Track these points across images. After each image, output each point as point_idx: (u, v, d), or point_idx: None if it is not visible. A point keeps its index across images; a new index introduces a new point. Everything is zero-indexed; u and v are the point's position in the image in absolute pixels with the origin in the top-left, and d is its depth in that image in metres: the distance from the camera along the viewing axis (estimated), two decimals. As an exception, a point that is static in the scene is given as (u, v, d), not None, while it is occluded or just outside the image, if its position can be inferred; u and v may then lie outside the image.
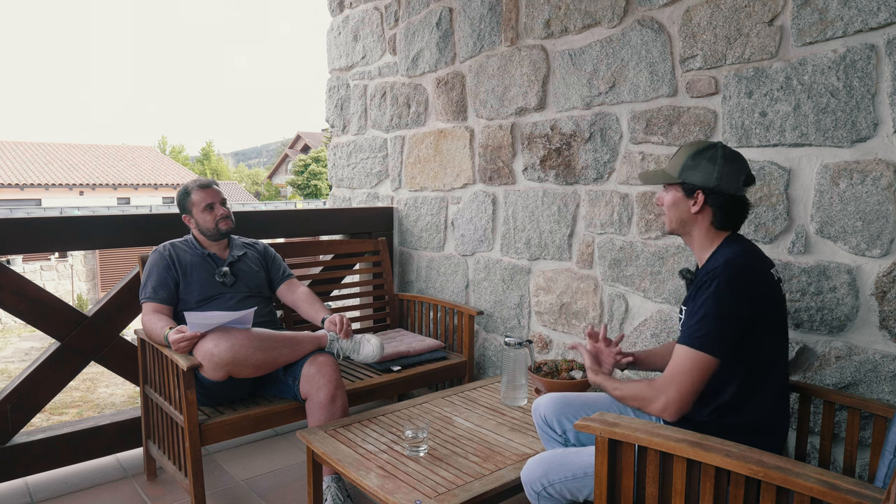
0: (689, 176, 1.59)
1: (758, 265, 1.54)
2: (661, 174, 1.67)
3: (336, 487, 2.22)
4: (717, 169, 1.56)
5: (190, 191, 2.49)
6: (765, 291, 1.51)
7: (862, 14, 1.79)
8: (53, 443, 2.46)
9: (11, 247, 2.65)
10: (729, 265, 1.49)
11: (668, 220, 1.67)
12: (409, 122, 3.51)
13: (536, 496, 1.62)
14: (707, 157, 1.58)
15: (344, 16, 3.93)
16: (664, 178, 1.65)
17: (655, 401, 1.48)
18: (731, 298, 1.46)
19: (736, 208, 1.59)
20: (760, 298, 1.49)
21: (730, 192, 1.57)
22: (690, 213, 1.61)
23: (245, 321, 2.20)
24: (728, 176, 1.56)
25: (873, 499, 1.06)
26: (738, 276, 1.48)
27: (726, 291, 1.46)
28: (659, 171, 1.69)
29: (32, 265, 13.18)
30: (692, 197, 1.60)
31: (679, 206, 1.62)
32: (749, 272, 1.51)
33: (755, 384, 1.52)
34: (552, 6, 2.67)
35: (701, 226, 1.61)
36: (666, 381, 1.49)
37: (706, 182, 1.57)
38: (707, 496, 1.27)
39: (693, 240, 1.65)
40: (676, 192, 1.63)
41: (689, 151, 1.61)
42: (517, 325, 2.98)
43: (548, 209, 2.78)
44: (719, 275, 1.48)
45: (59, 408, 6.05)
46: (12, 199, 19.96)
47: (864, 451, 1.84)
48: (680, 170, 1.61)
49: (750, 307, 1.47)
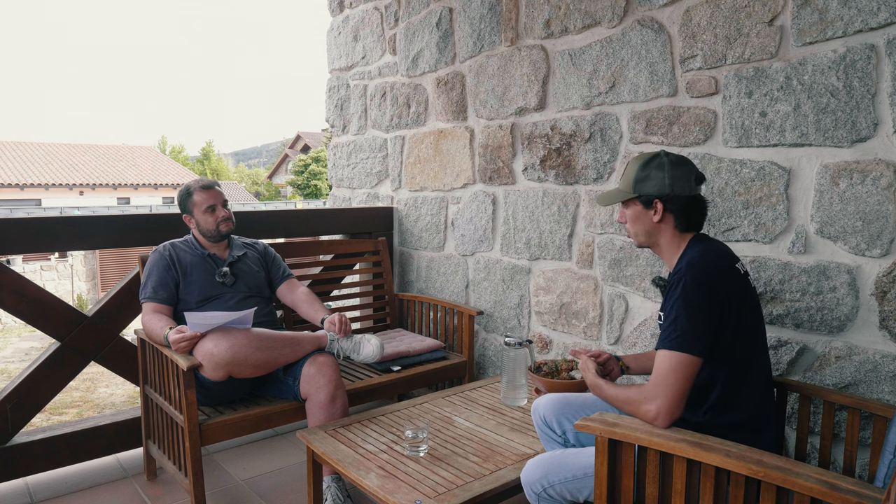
0: (643, 188, 1.65)
1: (720, 261, 1.57)
2: (616, 193, 1.72)
3: (336, 487, 2.22)
4: (666, 175, 1.62)
5: (192, 191, 2.48)
6: (729, 285, 1.53)
7: (862, 14, 1.79)
8: (53, 443, 2.46)
9: (11, 247, 2.65)
10: (691, 265, 1.53)
11: (634, 234, 1.71)
12: (409, 122, 3.51)
13: (536, 497, 1.62)
14: (654, 165, 1.64)
15: (344, 16, 3.93)
16: (620, 195, 1.70)
17: (646, 407, 1.46)
18: (698, 297, 1.49)
19: (694, 208, 1.64)
20: (726, 293, 1.51)
21: (685, 194, 1.62)
22: (653, 223, 1.65)
23: (245, 321, 2.20)
24: (679, 179, 1.62)
25: (873, 499, 1.06)
26: (701, 274, 1.51)
27: (692, 290, 1.49)
28: (614, 191, 1.74)
29: (32, 265, 13.18)
30: (651, 207, 1.65)
31: (641, 219, 1.67)
32: (712, 268, 1.53)
33: (740, 380, 1.54)
34: (552, 6, 2.67)
35: (665, 233, 1.66)
36: (652, 386, 1.48)
37: (661, 190, 1.62)
38: (707, 496, 1.27)
39: (661, 248, 1.69)
40: (635, 206, 1.68)
41: (636, 165, 1.67)
42: (517, 325, 2.98)
43: (548, 209, 2.78)
44: (684, 275, 1.52)
45: (59, 408, 6.05)
46: (12, 199, 19.96)
47: (864, 451, 1.84)
48: (633, 184, 1.66)
49: (717, 302, 1.49)
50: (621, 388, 1.58)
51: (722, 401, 1.54)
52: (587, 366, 1.74)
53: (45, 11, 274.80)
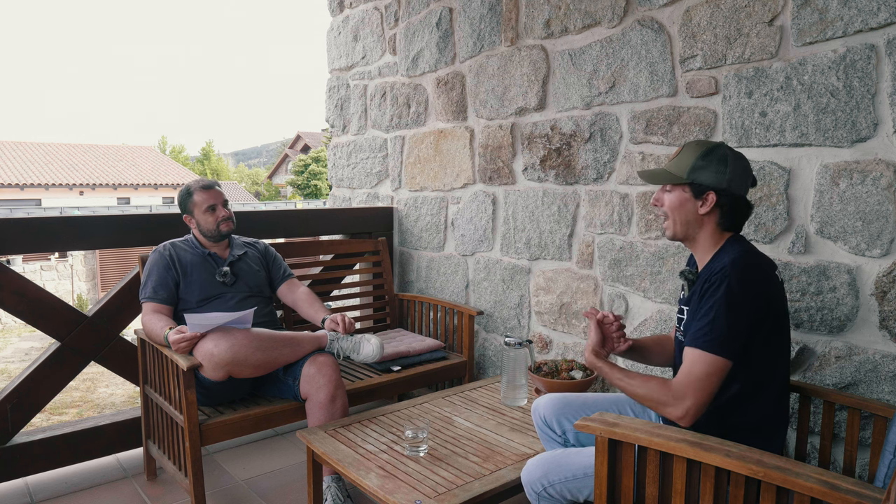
0: (700, 176, 1.55)
1: (763, 265, 1.53)
2: (665, 174, 1.60)
3: (336, 487, 2.22)
4: (728, 170, 1.53)
5: (192, 191, 2.48)
6: (772, 292, 1.50)
7: (862, 14, 1.79)
8: (53, 443, 2.46)
9: (11, 247, 2.65)
10: (736, 265, 1.47)
11: (672, 222, 1.61)
12: (409, 122, 3.51)
13: (536, 497, 1.62)
14: (717, 157, 1.55)
15: (344, 16, 3.93)
16: (670, 178, 1.59)
17: (674, 406, 1.43)
18: (742, 299, 1.44)
19: (742, 209, 1.58)
20: (769, 298, 1.48)
21: (739, 192, 1.56)
22: (697, 215, 1.57)
23: (245, 321, 2.20)
24: (738, 177, 1.55)
25: (873, 499, 1.06)
26: (747, 276, 1.46)
27: (737, 292, 1.44)
28: (663, 171, 1.62)
29: (32, 265, 13.18)
30: (701, 198, 1.56)
31: (686, 208, 1.58)
32: (756, 271, 1.49)
33: (758, 386, 1.51)
34: (552, 6, 2.67)
35: (707, 228, 1.58)
36: (683, 386, 1.44)
37: (718, 183, 1.54)
38: (707, 496, 1.27)
39: (697, 243, 1.61)
40: (683, 192, 1.58)
41: (697, 151, 1.57)
42: (517, 325, 2.98)
43: (548, 209, 2.78)
44: (728, 275, 1.45)
45: (59, 408, 6.05)
46: (12, 199, 19.96)
47: (864, 451, 1.84)
48: (689, 170, 1.56)
49: (759, 307, 1.45)
50: (639, 381, 1.53)
51: (732, 403, 1.51)
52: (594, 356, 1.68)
53: (45, 11, 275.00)
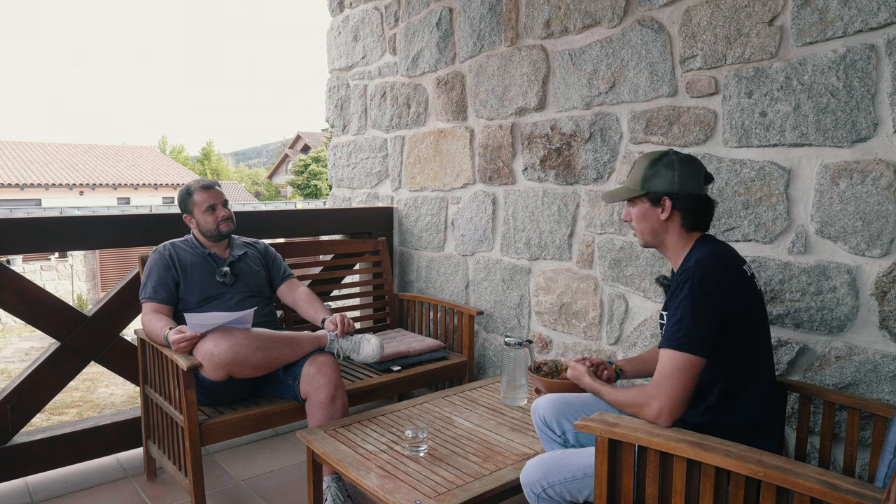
0: (651, 185, 1.63)
1: (728, 262, 1.57)
2: (623, 191, 1.71)
3: (336, 487, 2.22)
4: (676, 173, 1.61)
5: (192, 191, 2.48)
6: (738, 287, 1.53)
7: (862, 14, 1.79)
8: (53, 443, 2.46)
9: (11, 247, 2.65)
10: (700, 264, 1.52)
11: (640, 233, 1.70)
12: (409, 122, 3.51)
13: (536, 498, 1.62)
14: (664, 163, 1.63)
15: (344, 16, 3.93)
16: (627, 193, 1.69)
17: (648, 407, 1.47)
18: (705, 297, 1.48)
19: (702, 207, 1.64)
20: (734, 294, 1.51)
21: (694, 192, 1.61)
22: (660, 221, 1.64)
23: (245, 321, 2.20)
24: (688, 177, 1.61)
25: (873, 499, 1.06)
26: (710, 274, 1.50)
27: (699, 290, 1.48)
28: (621, 189, 1.73)
29: (32, 265, 13.18)
30: (659, 204, 1.63)
31: (648, 217, 1.66)
32: (719, 269, 1.53)
33: (741, 382, 1.54)
34: (552, 6, 2.67)
35: (672, 232, 1.65)
36: (654, 386, 1.48)
37: (669, 187, 1.61)
38: (707, 496, 1.27)
39: (667, 248, 1.68)
40: (643, 203, 1.67)
41: (644, 163, 1.66)
42: (517, 325, 2.98)
43: (548, 209, 2.78)
44: (692, 275, 1.51)
45: (59, 408, 6.05)
46: (12, 199, 19.96)
47: (864, 451, 1.84)
48: (641, 181, 1.65)
49: (724, 303, 1.49)
50: (622, 391, 1.57)
51: (722, 402, 1.53)
52: (579, 371, 1.72)
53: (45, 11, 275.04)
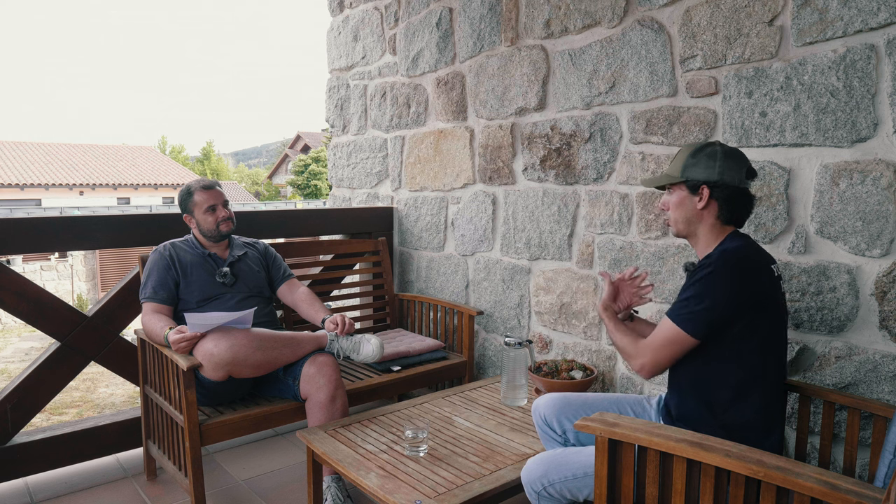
0: (692, 173, 1.62)
1: (756, 257, 1.57)
2: (663, 177, 1.71)
3: (336, 487, 2.22)
4: (717, 163, 1.60)
5: (192, 191, 2.48)
6: (759, 282, 1.53)
7: (862, 14, 1.79)
8: (53, 443, 2.46)
9: (11, 247, 2.65)
10: (726, 253, 1.55)
11: (674, 220, 1.68)
12: (409, 122, 3.51)
13: (536, 496, 1.62)
14: (707, 153, 1.62)
15: (344, 16, 3.93)
16: (667, 179, 1.69)
17: (634, 359, 1.63)
18: (722, 283, 1.50)
19: (741, 201, 1.62)
20: (753, 288, 1.51)
21: (733, 184, 1.60)
22: (696, 210, 1.63)
23: (245, 321, 2.20)
24: (730, 169, 1.60)
25: (873, 499, 1.06)
26: (734, 264, 1.52)
27: (719, 276, 1.51)
28: (661, 175, 1.72)
29: (32, 265, 13.17)
30: (697, 193, 1.62)
31: (685, 205, 1.65)
32: (745, 262, 1.54)
33: (751, 382, 1.53)
34: (552, 6, 2.67)
35: (706, 222, 1.64)
36: (646, 346, 1.61)
37: (709, 176, 1.60)
38: (707, 496, 1.27)
39: (698, 238, 1.67)
40: (681, 191, 1.66)
41: (688, 151, 1.65)
42: (517, 325, 2.98)
43: (548, 209, 2.78)
44: (715, 261, 1.53)
45: (59, 408, 6.05)
46: (12, 199, 19.94)
47: (864, 451, 1.84)
48: (682, 169, 1.64)
49: (739, 294, 1.50)
50: (622, 335, 1.69)
51: (726, 401, 1.53)
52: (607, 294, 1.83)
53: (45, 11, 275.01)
